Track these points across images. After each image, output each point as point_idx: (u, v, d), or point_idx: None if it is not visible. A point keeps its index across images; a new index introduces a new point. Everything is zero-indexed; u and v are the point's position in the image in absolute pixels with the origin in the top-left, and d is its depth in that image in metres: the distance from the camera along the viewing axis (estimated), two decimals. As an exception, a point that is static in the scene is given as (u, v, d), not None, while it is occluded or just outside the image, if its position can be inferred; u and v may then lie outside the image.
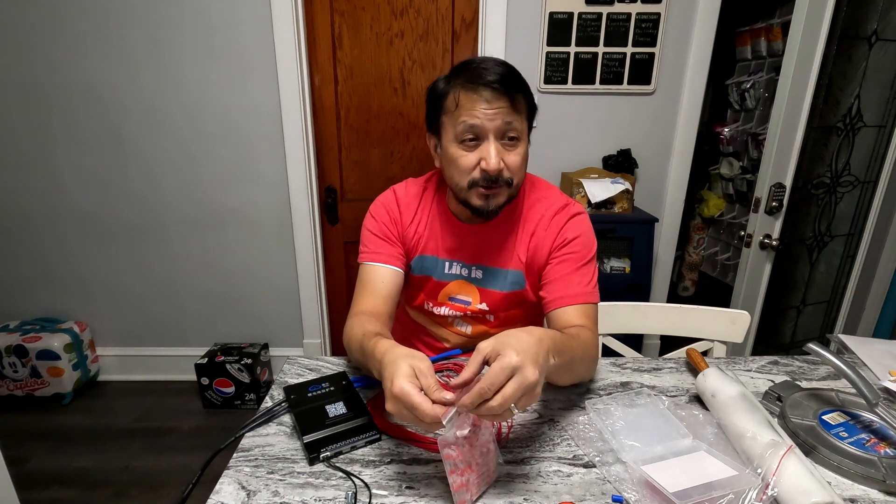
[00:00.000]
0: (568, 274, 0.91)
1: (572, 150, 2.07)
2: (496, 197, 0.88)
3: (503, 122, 0.83)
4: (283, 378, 0.87)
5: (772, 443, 0.62)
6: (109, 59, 1.89)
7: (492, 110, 0.82)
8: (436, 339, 1.07)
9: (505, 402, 0.56)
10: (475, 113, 0.82)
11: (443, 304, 1.01)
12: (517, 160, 0.87)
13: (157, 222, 2.12)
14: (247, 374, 2.09)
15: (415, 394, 0.58)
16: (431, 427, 0.58)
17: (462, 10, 1.92)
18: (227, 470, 0.66)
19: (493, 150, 0.84)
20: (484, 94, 0.82)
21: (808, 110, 1.41)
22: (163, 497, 1.66)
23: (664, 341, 2.40)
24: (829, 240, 1.79)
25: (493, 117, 0.83)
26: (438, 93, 0.88)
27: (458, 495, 0.60)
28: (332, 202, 2.14)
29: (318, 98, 2.00)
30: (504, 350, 0.57)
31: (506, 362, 0.56)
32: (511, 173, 0.87)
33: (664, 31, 1.91)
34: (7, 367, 2.08)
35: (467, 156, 0.86)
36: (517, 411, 0.58)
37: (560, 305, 0.89)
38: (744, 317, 1.11)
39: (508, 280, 0.97)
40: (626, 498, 0.61)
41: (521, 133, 0.87)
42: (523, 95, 0.86)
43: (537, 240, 0.95)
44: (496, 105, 0.82)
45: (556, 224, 0.95)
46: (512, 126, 0.84)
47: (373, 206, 1.01)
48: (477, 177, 0.86)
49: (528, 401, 0.58)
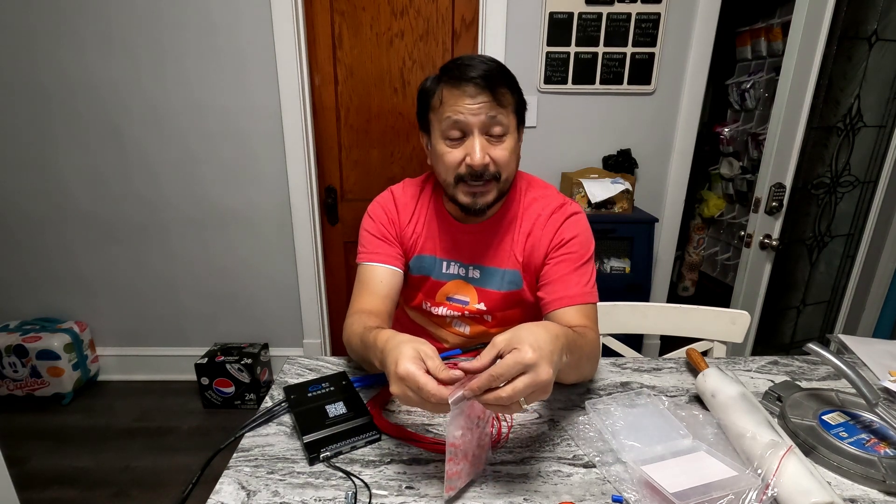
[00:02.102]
0: (567, 274, 0.91)
1: (572, 150, 2.07)
2: (484, 195, 0.88)
3: (487, 117, 0.83)
4: (283, 378, 0.87)
5: (772, 443, 0.62)
6: (110, 59, 1.89)
7: (475, 105, 0.82)
8: (435, 339, 1.07)
9: (514, 394, 0.55)
10: (459, 108, 0.83)
11: (441, 304, 1.01)
12: (504, 154, 0.86)
13: (157, 222, 2.12)
14: (247, 374, 2.09)
15: (420, 374, 0.58)
16: (437, 409, 0.58)
17: (462, 10, 1.92)
18: (227, 470, 0.66)
19: (477, 144, 0.84)
20: (467, 89, 0.82)
21: (808, 110, 1.41)
22: (163, 497, 1.66)
23: (664, 341, 2.40)
24: (829, 240, 1.79)
25: (476, 112, 0.82)
26: (426, 91, 0.89)
27: (449, 482, 0.60)
28: (332, 202, 2.14)
29: (318, 98, 2.00)
30: (520, 345, 0.57)
31: (520, 357, 0.55)
32: (498, 167, 0.86)
33: (664, 31, 1.91)
34: (7, 367, 2.08)
35: (453, 152, 0.86)
36: (526, 406, 0.57)
37: (560, 306, 0.89)
38: (744, 317, 1.11)
39: (506, 280, 0.97)
40: (626, 498, 0.61)
41: (508, 127, 0.86)
42: (509, 90, 0.85)
43: (534, 239, 0.95)
44: (479, 100, 0.82)
45: (553, 223, 0.94)
46: (497, 120, 0.84)
47: (370, 207, 1.01)
48: (463, 172, 0.86)
49: (537, 396, 0.58)
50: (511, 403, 0.56)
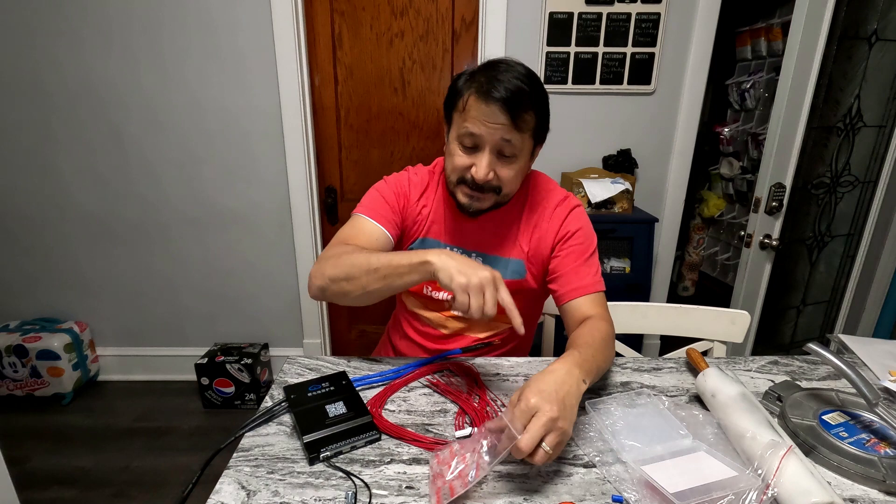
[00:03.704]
0: (577, 266, 0.95)
1: (572, 150, 2.07)
2: (480, 201, 0.92)
3: (501, 139, 0.85)
4: (283, 378, 0.87)
5: (772, 443, 0.62)
6: (110, 59, 1.89)
7: (493, 125, 0.84)
8: (433, 326, 1.07)
9: (531, 438, 0.59)
10: (478, 122, 0.85)
11: (442, 289, 1.02)
12: (509, 174, 0.89)
13: (157, 222, 2.12)
14: (247, 374, 2.09)
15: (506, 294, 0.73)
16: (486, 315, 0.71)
17: (462, 10, 1.92)
18: (227, 470, 0.66)
19: (485, 161, 0.87)
20: (491, 106, 0.83)
21: (808, 110, 1.41)
22: (163, 497, 1.66)
23: (664, 341, 2.40)
24: (829, 240, 1.79)
25: (493, 132, 0.85)
26: (457, 89, 0.91)
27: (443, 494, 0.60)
28: (332, 202, 2.14)
29: (318, 98, 2.00)
30: (523, 394, 0.63)
31: (523, 406, 0.62)
32: (501, 183, 0.90)
33: (664, 31, 1.91)
34: (7, 367, 2.08)
35: (462, 157, 0.89)
36: (548, 449, 0.60)
37: (573, 297, 0.93)
38: (744, 317, 1.11)
39: (509, 269, 1.00)
40: (626, 498, 0.61)
41: (521, 150, 0.89)
42: (534, 113, 0.87)
43: (541, 231, 0.99)
44: (499, 121, 0.84)
45: (558, 216, 0.99)
46: (510, 143, 0.86)
47: (387, 177, 1.05)
48: (466, 177, 0.90)
49: (555, 438, 0.61)
50: (531, 449, 0.60)
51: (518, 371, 0.91)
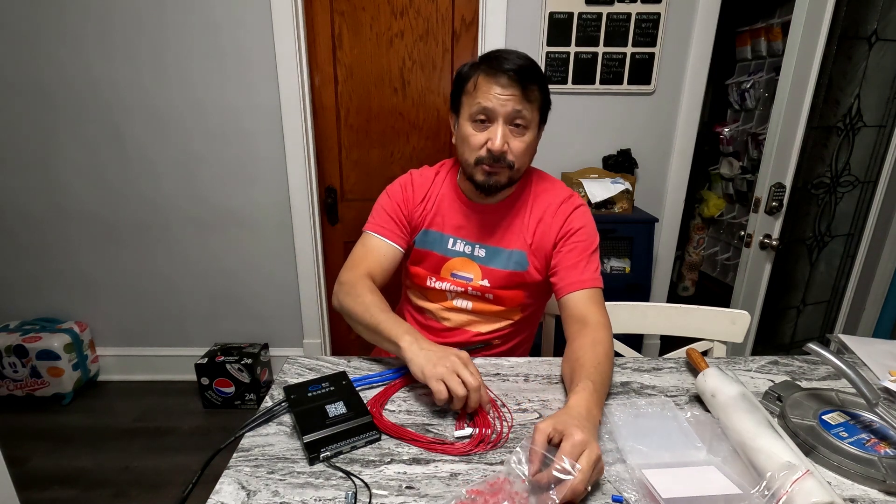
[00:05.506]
0: (578, 262, 0.98)
1: (572, 150, 2.07)
2: (497, 175, 0.95)
3: (513, 109, 0.91)
4: (283, 378, 0.87)
5: (787, 464, 0.59)
6: (111, 59, 1.89)
7: (505, 95, 0.90)
8: (435, 319, 1.09)
9: (588, 478, 0.58)
10: (489, 96, 0.90)
11: (444, 280, 1.05)
12: (521, 146, 0.94)
13: (157, 222, 2.11)
14: (247, 374, 2.09)
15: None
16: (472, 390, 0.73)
17: (462, 10, 1.92)
18: (227, 470, 0.66)
19: (500, 132, 0.91)
20: (500, 79, 0.90)
21: (808, 110, 1.41)
22: (163, 497, 1.66)
23: (664, 341, 2.40)
24: (829, 240, 1.79)
25: (504, 102, 0.90)
26: (463, 75, 0.96)
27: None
28: (332, 202, 2.14)
29: (318, 98, 2.00)
30: (568, 429, 0.62)
31: (577, 440, 0.61)
32: (514, 157, 0.94)
33: (664, 31, 1.91)
34: (7, 367, 2.08)
35: (477, 135, 0.93)
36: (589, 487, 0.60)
37: (571, 290, 0.96)
38: (744, 317, 1.11)
39: (512, 260, 1.02)
40: (627, 498, 0.61)
41: (530, 122, 0.94)
42: (538, 87, 0.93)
43: (545, 226, 1.02)
44: (509, 92, 0.90)
45: (562, 212, 1.02)
46: (521, 114, 0.91)
47: (389, 187, 1.09)
48: (483, 155, 0.93)
49: (599, 475, 0.62)
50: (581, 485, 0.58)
51: (518, 371, 0.91)
